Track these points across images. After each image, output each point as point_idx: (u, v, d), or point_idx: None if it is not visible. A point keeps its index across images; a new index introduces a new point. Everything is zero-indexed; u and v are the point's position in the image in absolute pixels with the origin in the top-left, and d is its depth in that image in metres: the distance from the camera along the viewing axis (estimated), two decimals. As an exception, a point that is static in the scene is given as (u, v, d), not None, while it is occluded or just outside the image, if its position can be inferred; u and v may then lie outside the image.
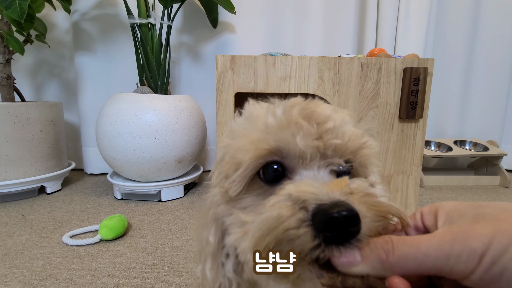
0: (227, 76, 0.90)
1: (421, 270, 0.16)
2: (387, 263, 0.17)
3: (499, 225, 0.15)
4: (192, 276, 0.67)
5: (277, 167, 0.23)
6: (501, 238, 0.15)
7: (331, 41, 1.45)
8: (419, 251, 0.16)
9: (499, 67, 1.49)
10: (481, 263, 0.15)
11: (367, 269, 0.17)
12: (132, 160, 1.06)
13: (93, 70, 1.39)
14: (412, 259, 0.16)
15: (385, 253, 0.17)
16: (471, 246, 0.15)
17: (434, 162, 1.41)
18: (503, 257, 0.14)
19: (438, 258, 0.16)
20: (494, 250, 0.14)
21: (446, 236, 0.16)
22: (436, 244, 0.16)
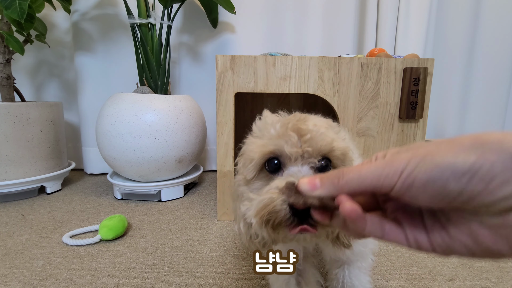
0: (227, 76, 0.90)
1: (362, 188, 0.22)
2: (338, 185, 0.23)
3: (416, 151, 0.21)
4: (192, 276, 0.67)
5: (276, 162, 0.35)
6: (415, 158, 0.20)
7: (331, 41, 1.45)
8: (360, 174, 0.22)
9: (499, 67, 1.49)
10: (400, 177, 0.20)
11: (324, 192, 0.24)
12: (132, 160, 1.06)
13: (93, 70, 1.39)
14: (356, 181, 0.23)
15: (337, 179, 0.24)
16: (395, 166, 0.21)
17: (434, 162, 1.41)
18: (415, 170, 0.20)
19: (373, 178, 0.22)
20: (409, 167, 0.20)
21: (379, 163, 0.22)
22: (372, 168, 0.22)
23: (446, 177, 0.19)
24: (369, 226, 0.23)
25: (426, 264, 0.72)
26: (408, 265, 0.71)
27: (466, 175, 0.18)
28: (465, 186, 0.19)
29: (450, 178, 0.19)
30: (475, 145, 0.19)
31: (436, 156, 0.19)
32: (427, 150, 0.20)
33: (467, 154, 0.19)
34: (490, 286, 0.64)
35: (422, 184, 0.20)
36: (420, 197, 0.20)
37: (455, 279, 0.66)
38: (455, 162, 0.19)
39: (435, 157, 0.20)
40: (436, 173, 0.19)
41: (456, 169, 0.19)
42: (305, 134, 0.34)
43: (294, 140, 0.34)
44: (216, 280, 0.65)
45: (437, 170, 0.19)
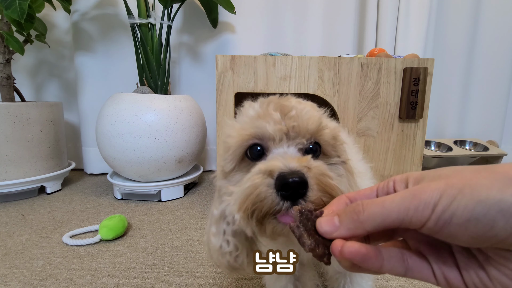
0: (227, 76, 0.90)
1: (387, 223, 0.19)
2: (359, 221, 0.20)
3: (449, 180, 0.18)
4: (192, 276, 0.67)
5: (259, 148, 0.30)
6: (450, 190, 0.17)
7: (331, 41, 1.45)
8: (384, 208, 0.19)
9: (499, 67, 1.49)
10: (434, 211, 0.17)
11: (344, 232, 0.21)
12: (132, 160, 1.06)
13: (93, 70, 1.39)
14: (379, 215, 0.19)
15: (356, 214, 0.20)
16: (426, 199, 0.18)
17: (434, 162, 1.41)
18: (452, 204, 0.17)
19: (400, 212, 0.18)
20: (445, 200, 0.17)
21: (406, 194, 0.19)
22: (397, 200, 0.19)
23: (493, 216, 0.16)
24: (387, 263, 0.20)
25: (426, 264, 0.71)
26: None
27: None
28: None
29: (498, 217, 0.16)
30: None
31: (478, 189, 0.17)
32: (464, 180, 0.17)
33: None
34: (490, 286, 0.64)
35: (462, 222, 0.17)
36: (460, 237, 0.17)
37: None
38: (502, 198, 0.16)
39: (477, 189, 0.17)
40: (481, 210, 0.16)
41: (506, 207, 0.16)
42: (289, 110, 0.29)
43: (277, 117, 0.29)
44: (216, 280, 0.65)
45: (481, 207, 0.16)
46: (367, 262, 0.20)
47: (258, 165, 0.27)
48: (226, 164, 0.31)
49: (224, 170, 0.31)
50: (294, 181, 0.24)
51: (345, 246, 0.20)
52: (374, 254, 0.20)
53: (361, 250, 0.20)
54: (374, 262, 0.20)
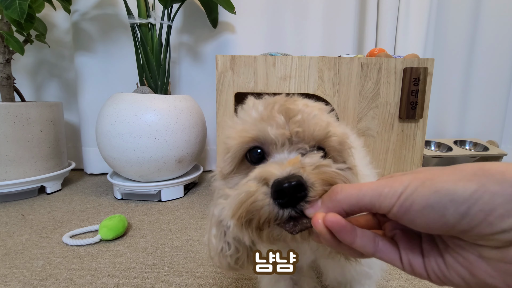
0: (227, 76, 0.90)
1: (360, 205, 0.22)
2: (336, 200, 0.23)
3: (418, 175, 0.20)
4: (192, 276, 0.67)
5: (260, 151, 0.29)
6: (415, 181, 0.20)
7: (331, 41, 1.45)
8: (360, 191, 0.22)
9: (499, 67, 1.49)
10: (399, 199, 0.20)
11: (324, 210, 0.23)
12: (132, 160, 1.06)
13: (93, 70, 1.39)
14: (355, 197, 0.22)
15: (334, 194, 0.23)
16: (395, 188, 0.20)
17: (434, 162, 1.41)
18: (413, 194, 0.19)
19: (373, 196, 0.21)
20: (409, 190, 0.20)
21: (381, 182, 0.21)
22: (373, 186, 0.21)
23: (444, 204, 0.18)
24: (359, 239, 0.23)
25: (426, 264, 0.71)
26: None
27: (465, 204, 0.18)
28: (463, 215, 0.18)
29: (448, 205, 0.18)
30: (477, 174, 0.18)
31: (436, 182, 0.19)
32: (428, 174, 0.20)
33: (468, 182, 0.18)
34: (490, 286, 0.64)
35: (419, 209, 0.19)
36: (417, 222, 0.20)
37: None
38: (454, 189, 0.18)
39: (435, 182, 0.19)
40: (435, 199, 0.19)
41: (456, 197, 0.18)
42: (295, 115, 0.28)
43: (281, 121, 0.28)
44: (216, 280, 0.65)
45: (435, 196, 0.19)
46: (342, 233, 0.22)
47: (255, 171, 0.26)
48: (225, 165, 0.30)
49: (223, 171, 0.30)
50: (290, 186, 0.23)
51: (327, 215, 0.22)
52: (350, 229, 0.22)
53: (340, 221, 0.22)
54: (348, 235, 0.22)
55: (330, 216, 0.22)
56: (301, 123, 0.28)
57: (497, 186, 0.17)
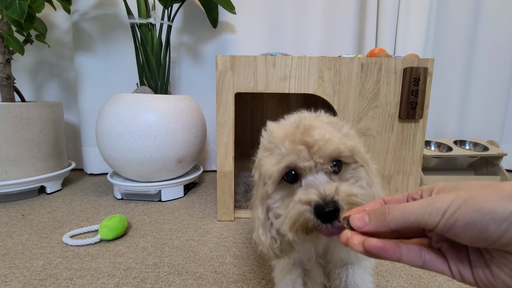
0: (227, 76, 0.90)
1: (407, 224, 0.24)
2: (384, 221, 0.25)
3: (459, 193, 0.22)
4: (192, 276, 0.67)
5: (294, 173, 0.37)
6: (457, 200, 0.22)
7: (331, 41, 1.45)
8: (405, 212, 0.24)
9: (499, 67, 1.49)
10: (444, 216, 0.22)
11: (372, 228, 0.26)
12: (132, 160, 1.06)
13: (93, 70, 1.39)
14: (401, 218, 0.24)
15: (383, 215, 0.25)
16: (438, 206, 0.22)
17: (434, 162, 1.41)
18: (456, 212, 0.21)
19: (417, 215, 0.23)
20: (452, 208, 0.22)
21: (424, 202, 0.23)
22: (416, 206, 0.23)
23: (486, 222, 0.20)
24: (405, 255, 0.25)
25: (426, 264, 0.71)
26: (408, 265, 0.71)
27: (505, 222, 0.20)
28: (504, 231, 0.20)
29: (490, 223, 0.20)
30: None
31: (478, 201, 0.21)
32: (469, 193, 0.22)
33: (507, 202, 0.20)
34: (490, 286, 0.64)
35: (463, 226, 0.21)
36: (462, 237, 0.22)
37: (454, 279, 0.66)
38: (495, 208, 0.20)
39: (477, 201, 0.21)
40: (477, 217, 0.21)
41: (496, 216, 0.20)
42: (312, 145, 0.36)
43: (305, 154, 0.36)
44: (216, 280, 0.65)
45: (477, 215, 0.20)
46: (386, 254, 0.25)
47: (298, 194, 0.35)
48: (269, 189, 0.38)
49: (268, 192, 0.39)
50: (330, 211, 0.32)
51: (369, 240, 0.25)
52: (392, 249, 0.25)
53: (378, 245, 0.25)
54: (393, 254, 0.25)
55: (372, 241, 0.25)
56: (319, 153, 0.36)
57: None
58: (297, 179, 0.38)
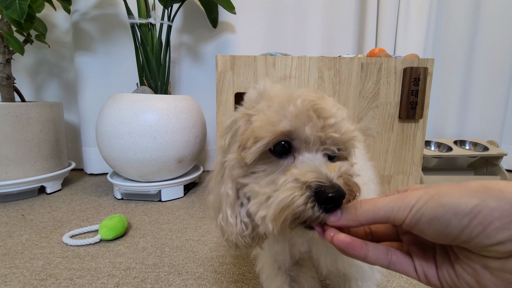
0: (227, 76, 0.90)
1: (377, 219, 0.24)
2: (355, 215, 0.25)
3: (427, 190, 0.23)
4: (192, 276, 0.67)
5: (286, 145, 0.30)
6: (424, 196, 0.22)
7: (331, 41, 1.45)
8: (376, 206, 0.24)
9: (499, 67, 1.49)
10: (411, 211, 0.22)
11: (343, 222, 0.26)
12: (132, 160, 1.06)
13: (93, 70, 1.39)
14: (371, 212, 0.24)
15: (354, 209, 0.25)
16: (407, 201, 0.23)
17: (434, 162, 1.41)
18: (423, 207, 0.22)
19: (387, 210, 0.23)
20: (419, 203, 0.22)
21: (394, 197, 0.24)
22: (387, 201, 0.24)
23: (448, 217, 0.21)
24: (371, 253, 0.25)
25: (426, 264, 0.71)
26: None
27: (466, 217, 0.20)
28: (465, 226, 0.20)
29: (452, 218, 0.20)
30: (479, 190, 0.20)
31: (443, 196, 0.21)
32: (437, 190, 0.22)
33: (470, 198, 0.20)
34: (490, 286, 0.64)
35: (428, 220, 0.22)
36: (426, 232, 0.22)
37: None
38: (458, 203, 0.20)
39: (442, 197, 0.21)
40: (441, 212, 0.21)
41: (458, 210, 0.20)
42: (328, 117, 0.29)
43: (318, 123, 0.29)
44: (216, 280, 0.65)
45: (441, 210, 0.21)
46: (353, 250, 0.25)
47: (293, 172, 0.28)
48: (249, 155, 0.29)
49: (245, 160, 0.30)
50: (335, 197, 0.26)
51: (337, 236, 0.25)
52: (359, 245, 0.25)
53: (345, 240, 0.25)
54: (359, 251, 0.25)
55: (340, 236, 0.25)
56: (336, 129, 0.29)
57: (495, 202, 0.20)
58: (288, 153, 0.30)
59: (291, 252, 0.43)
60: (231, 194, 0.33)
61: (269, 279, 0.48)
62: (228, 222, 0.33)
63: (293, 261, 0.47)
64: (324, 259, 0.41)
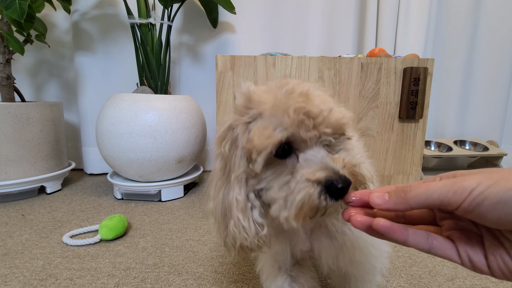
0: (227, 76, 0.90)
1: (429, 202, 0.23)
2: (405, 198, 0.25)
3: (489, 174, 0.22)
4: (192, 276, 0.67)
5: (287, 147, 0.32)
6: (487, 181, 0.21)
7: (331, 41, 1.45)
8: (428, 189, 0.23)
9: (499, 67, 1.49)
10: (470, 195, 0.21)
11: (391, 205, 0.25)
12: (132, 160, 1.06)
13: (93, 70, 1.39)
14: (423, 195, 0.24)
15: (404, 193, 0.25)
16: (465, 185, 0.22)
17: (434, 162, 1.41)
18: (486, 191, 0.21)
19: (441, 193, 0.23)
20: (481, 187, 0.21)
21: (449, 181, 0.23)
22: (441, 184, 0.23)
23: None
24: (411, 238, 0.25)
25: (426, 264, 0.72)
26: (408, 265, 0.71)
27: None
28: None
29: None
30: None
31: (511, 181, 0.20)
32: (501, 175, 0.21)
33: None
34: (490, 286, 0.64)
35: (492, 204, 0.21)
36: (488, 216, 0.21)
37: (455, 279, 0.66)
38: None
39: (509, 182, 0.20)
40: (510, 196, 0.20)
41: None
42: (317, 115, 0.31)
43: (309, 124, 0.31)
44: (216, 280, 0.65)
45: (509, 193, 0.20)
46: (392, 234, 0.25)
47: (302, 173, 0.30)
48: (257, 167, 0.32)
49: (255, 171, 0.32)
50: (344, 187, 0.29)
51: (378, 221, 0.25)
52: (399, 230, 0.25)
53: (386, 224, 0.25)
54: (399, 235, 0.25)
55: (380, 221, 0.25)
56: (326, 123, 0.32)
57: None
58: (290, 154, 0.32)
59: (292, 251, 0.43)
60: (241, 199, 0.34)
61: (269, 280, 0.48)
62: (241, 227, 0.34)
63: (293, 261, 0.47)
64: (326, 256, 0.42)
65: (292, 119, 0.31)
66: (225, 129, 0.36)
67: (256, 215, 0.34)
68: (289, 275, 0.47)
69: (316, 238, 0.41)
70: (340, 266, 0.43)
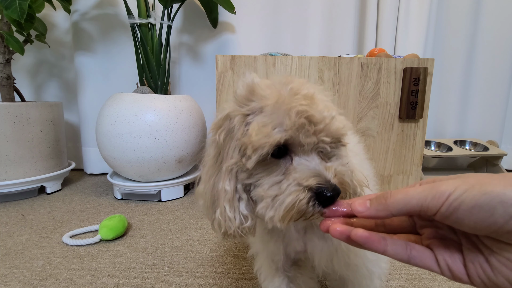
0: (227, 76, 0.90)
1: (408, 208, 0.23)
2: (385, 205, 0.24)
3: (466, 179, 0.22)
4: (192, 276, 0.67)
5: (283, 148, 0.32)
6: (464, 185, 0.21)
7: (331, 41, 1.45)
8: (408, 195, 0.23)
9: (499, 67, 1.49)
10: (448, 199, 0.21)
11: (373, 212, 0.25)
12: (132, 160, 1.06)
13: (93, 70, 1.39)
14: (402, 200, 0.23)
15: (384, 199, 0.25)
16: (443, 190, 0.22)
17: (434, 162, 1.41)
18: (462, 195, 0.21)
19: (420, 199, 0.23)
20: (458, 191, 0.21)
21: (427, 186, 0.23)
22: (419, 190, 0.23)
23: (494, 205, 0.20)
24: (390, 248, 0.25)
25: (426, 264, 0.71)
26: (408, 265, 0.71)
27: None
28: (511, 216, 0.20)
29: (498, 206, 0.20)
30: None
31: (487, 185, 0.20)
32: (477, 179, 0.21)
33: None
34: (490, 286, 0.64)
35: (468, 209, 0.21)
36: (465, 221, 0.21)
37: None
38: (504, 192, 0.20)
39: (485, 186, 0.20)
40: (485, 200, 0.20)
41: (505, 198, 0.20)
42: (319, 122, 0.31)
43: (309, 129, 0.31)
44: (216, 280, 0.65)
45: (485, 197, 0.20)
46: (370, 245, 0.25)
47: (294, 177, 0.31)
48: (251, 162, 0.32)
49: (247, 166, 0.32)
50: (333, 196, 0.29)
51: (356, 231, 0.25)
52: (377, 240, 0.25)
53: (363, 235, 0.25)
54: (377, 245, 0.25)
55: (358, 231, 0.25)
56: (326, 132, 0.32)
57: None
58: (285, 155, 0.32)
59: (285, 251, 0.43)
60: (229, 190, 0.34)
61: (267, 280, 0.48)
62: (226, 217, 0.35)
63: (289, 261, 0.47)
64: (319, 257, 0.42)
65: (293, 121, 0.30)
66: (223, 117, 0.35)
67: (243, 207, 0.35)
68: (286, 275, 0.47)
69: (310, 238, 0.41)
70: (335, 270, 0.43)
